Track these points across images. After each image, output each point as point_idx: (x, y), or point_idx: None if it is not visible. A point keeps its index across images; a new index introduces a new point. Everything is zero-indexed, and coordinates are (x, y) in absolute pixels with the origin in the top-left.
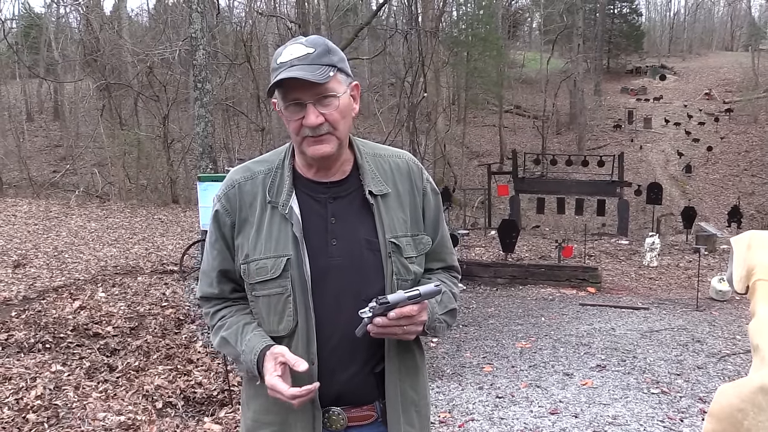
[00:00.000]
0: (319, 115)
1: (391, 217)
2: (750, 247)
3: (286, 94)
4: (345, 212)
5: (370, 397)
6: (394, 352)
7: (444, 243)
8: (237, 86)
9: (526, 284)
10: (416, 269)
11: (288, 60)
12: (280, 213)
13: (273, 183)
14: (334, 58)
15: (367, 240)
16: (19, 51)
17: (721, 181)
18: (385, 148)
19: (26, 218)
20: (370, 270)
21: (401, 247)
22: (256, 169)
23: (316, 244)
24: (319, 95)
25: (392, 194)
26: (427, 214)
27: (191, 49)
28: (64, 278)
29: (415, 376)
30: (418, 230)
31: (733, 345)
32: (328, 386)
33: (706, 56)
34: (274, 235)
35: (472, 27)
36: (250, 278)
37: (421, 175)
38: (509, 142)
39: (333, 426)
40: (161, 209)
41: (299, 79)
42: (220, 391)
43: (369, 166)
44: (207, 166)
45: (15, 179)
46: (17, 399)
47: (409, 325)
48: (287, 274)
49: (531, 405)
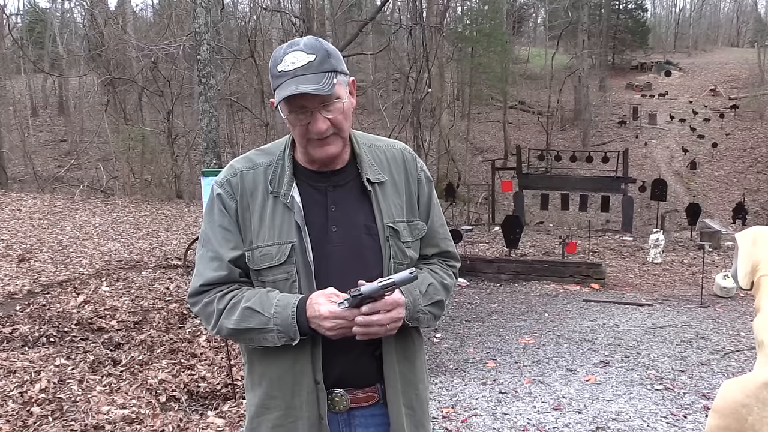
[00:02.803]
0: (326, 120)
1: (388, 203)
2: (755, 243)
3: (292, 101)
4: (344, 200)
5: (371, 379)
6: (392, 337)
7: (437, 228)
8: (241, 81)
9: (530, 280)
10: (412, 254)
11: (291, 69)
12: (282, 202)
13: (275, 174)
14: (333, 62)
15: (366, 225)
16: (24, 46)
17: (726, 178)
18: (379, 138)
19: (31, 213)
20: (369, 254)
21: (399, 232)
22: (257, 161)
23: (318, 231)
24: (324, 102)
25: (389, 182)
26: (421, 201)
27: (195, 44)
28: (69, 272)
29: (413, 359)
30: (413, 216)
31: (737, 342)
32: (331, 368)
33: (712, 52)
34: (277, 223)
35: (476, 22)
36: (255, 265)
37: (415, 163)
38: (513, 138)
39: (336, 407)
40: (165, 204)
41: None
42: (223, 386)
43: (366, 155)
44: (211, 161)
45: (20, 174)
46: (21, 392)
47: (390, 323)
48: (292, 260)
49: (534, 401)
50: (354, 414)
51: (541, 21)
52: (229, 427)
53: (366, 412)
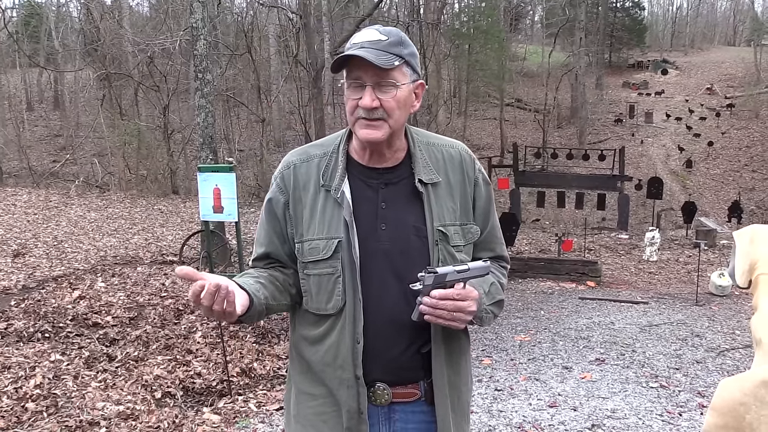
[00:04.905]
0: (375, 99)
1: (441, 205)
2: (753, 241)
3: (350, 71)
4: (395, 198)
5: (415, 377)
6: (441, 336)
7: (494, 233)
8: (238, 77)
9: (526, 278)
10: (463, 257)
11: (360, 41)
12: (333, 197)
13: (327, 167)
14: (404, 51)
15: (416, 227)
16: (20, 40)
17: (722, 177)
18: (438, 137)
19: (26, 208)
20: (416, 256)
21: (448, 236)
22: (312, 153)
23: (366, 228)
24: (379, 80)
25: (443, 183)
26: (477, 204)
27: (192, 39)
28: (64, 268)
29: (459, 361)
30: (468, 219)
31: (732, 340)
32: (373, 363)
33: (708, 51)
34: (327, 218)
35: (473, 19)
36: (303, 257)
37: (473, 165)
38: (510, 135)
39: (378, 400)
40: (161, 200)
41: (363, 60)
42: (219, 382)
43: (422, 154)
44: (207, 156)
45: (15, 169)
46: (16, 388)
47: (458, 312)
48: (338, 255)
49: (530, 398)
50: (395, 408)
51: (538, 18)
52: (224, 423)
53: (407, 408)
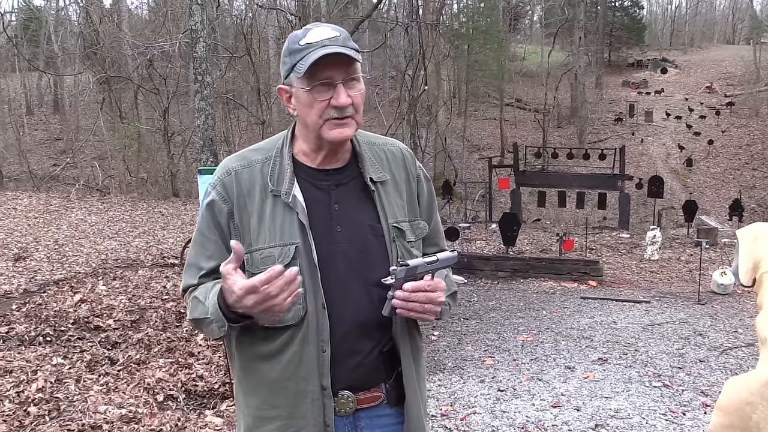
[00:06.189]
0: (348, 96)
1: (391, 203)
2: (756, 240)
3: (317, 73)
4: (347, 199)
5: (377, 379)
6: (403, 334)
7: (437, 228)
8: (237, 79)
9: (528, 277)
10: (417, 254)
11: (318, 40)
12: (283, 201)
13: (273, 171)
14: (354, 44)
15: (371, 225)
16: (19, 44)
17: (722, 175)
18: (377, 136)
19: (27, 211)
20: (375, 254)
21: (404, 232)
22: (252, 158)
23: (322, 231)
24: (348, 76)
25: (390, 181)
26: (421, 200)
27: (191, 41)
28: (65, 271)
29: (418, 357)
30: (415, 216)
31: (734, 338)
32: (339, 371)
33: (708, 49)
34: (277, 224)
35: (472, 20)
36: (254, 267)
37: (414, 163)
38: (510, 135)
39: (342, 410)
40: (162, 202)
41: (333, 58)
42: (221, 384)
43: (367, 154)
44: (208, 159)
45: (15, 172)
46: (18, 392)
47: (429, 304)
48: (296, 262)
49: (533, 398)
50: (359, 416)
51: (537, 18)
52: (227, 426)
53: (371, 413)
